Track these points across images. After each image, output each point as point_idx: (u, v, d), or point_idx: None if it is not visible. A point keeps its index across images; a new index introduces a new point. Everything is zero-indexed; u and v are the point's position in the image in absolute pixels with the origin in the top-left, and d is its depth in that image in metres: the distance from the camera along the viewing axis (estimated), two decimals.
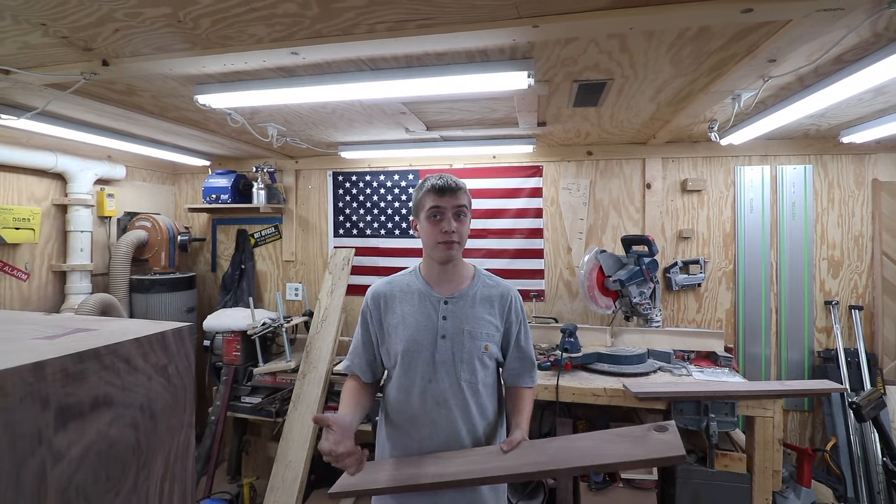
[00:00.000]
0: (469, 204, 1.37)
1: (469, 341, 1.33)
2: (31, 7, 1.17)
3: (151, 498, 0.64)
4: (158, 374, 0.65)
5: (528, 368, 1.44)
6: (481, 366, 1.34)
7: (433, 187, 1.32)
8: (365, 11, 1.17)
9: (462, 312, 1.35)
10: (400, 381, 1.34)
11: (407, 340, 1.33)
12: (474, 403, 1.33)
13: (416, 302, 1.37)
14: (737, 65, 1.53)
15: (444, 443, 1.30)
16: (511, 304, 1.41)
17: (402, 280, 1.44)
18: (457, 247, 1.33)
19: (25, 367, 0.49)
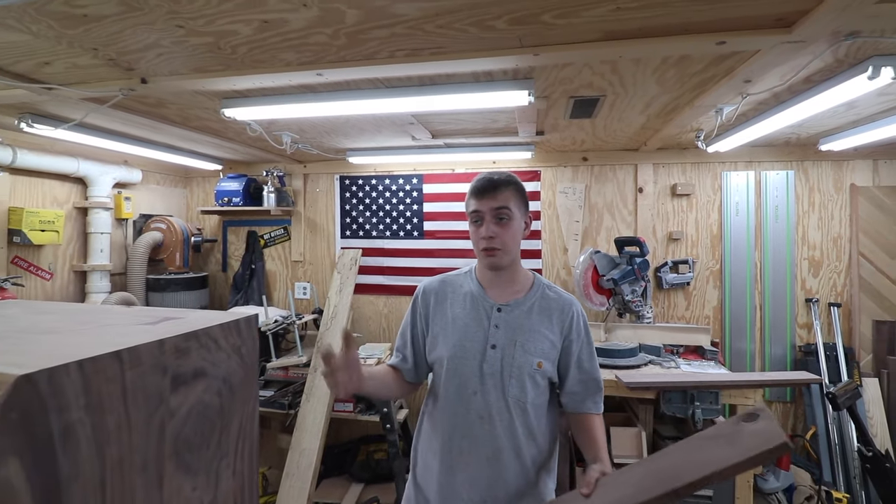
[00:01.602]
0: (517, 204, 1.24)
1: (521, 355, 1.21)
2: (88, 35, 1.32)
3: (230, 453, 0.79)
4: (235, 353, 0.80)
5: (593, 392, 1.28)
6: (532, 383, 1.21)
7: (473, 188, 1.24)
8: (387, 41, 1.32)
9: (516, 322, 1.24)
10: (443, 390, 1.26)
11: (454, 346, 1.25)
12: (521, 423, 1.21)
13: (468, 305, 1.28)
14: (716, 84, 1.69)
15: (483, 460, 1.20)
16: (573, 319, 1.27)
17: (455, 280, 1.35)
18: (500, 254, 1.22)
19: (153, 343, 0.64)
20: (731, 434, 0.97)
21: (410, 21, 1.21)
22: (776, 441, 0.88)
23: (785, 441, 0.88)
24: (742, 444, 0.93)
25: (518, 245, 1.28)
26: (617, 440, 2.29)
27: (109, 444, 0.57)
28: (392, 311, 3.41)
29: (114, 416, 0.58)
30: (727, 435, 0.97)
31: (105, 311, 0.98)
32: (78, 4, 1.14)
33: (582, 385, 1.27)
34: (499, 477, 1.20)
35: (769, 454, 0.88)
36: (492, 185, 1.21)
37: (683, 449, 1.03)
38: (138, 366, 0.61)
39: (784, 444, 0.88)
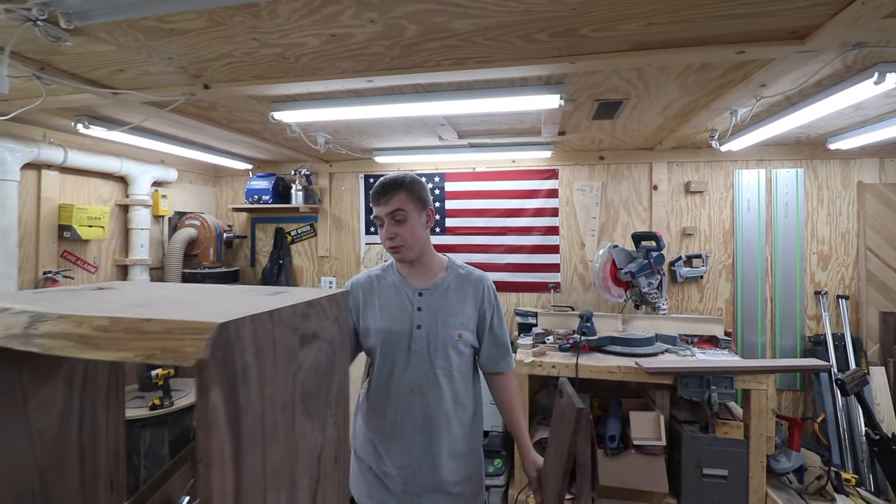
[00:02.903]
0: (414, 203, 1.36)
1: (443, 330, 1.38)
2: (168, 46, 1.47)
3: (332, 405, 0.94)
4: (335, 321, 0.95)
5: (504, 353, 1.49)
6: (456, 353, 1.39)
7: (371, 195, 1.38)
8: (437, 52, 1.47)
9: (437, 302, 1.40)
10: (378, 370, 1.41)
11: (384, 332, 1.39)
12: (448, 389, 1.38)
13: (393, 294, 1.43)
14: (733, 88, 1.83)
15: (416, 428, 1.37)
16: (484, 291, 1.45)
17: (379, 274, 1.50)
18: (403, 250, 1.36)
19: (289, 307, 0.79)
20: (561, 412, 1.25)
21: (463, 34, 1.35)
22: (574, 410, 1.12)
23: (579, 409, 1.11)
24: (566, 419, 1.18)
25: (420, 238, 1.39)
26: (636, 424, 2.43)
27: (265, 385, 0.72)
28: None
29: (268, 362, 0.72)
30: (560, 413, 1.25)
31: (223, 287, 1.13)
32: (169, 20, 1.29)
33: (494, 347, 1.47)
34: (432, 442, 1.37)
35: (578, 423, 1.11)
36: (383, 190, 1.35)
37: (553, 435, 1.32)
38: (281, 324, 0.76)
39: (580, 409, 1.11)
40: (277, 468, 0.75)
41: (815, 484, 2.34)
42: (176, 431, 2.61)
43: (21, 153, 2.40)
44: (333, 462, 0.94)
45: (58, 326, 0.67)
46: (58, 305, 0.78)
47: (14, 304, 0.79)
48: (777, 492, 2.30)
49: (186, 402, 2.64)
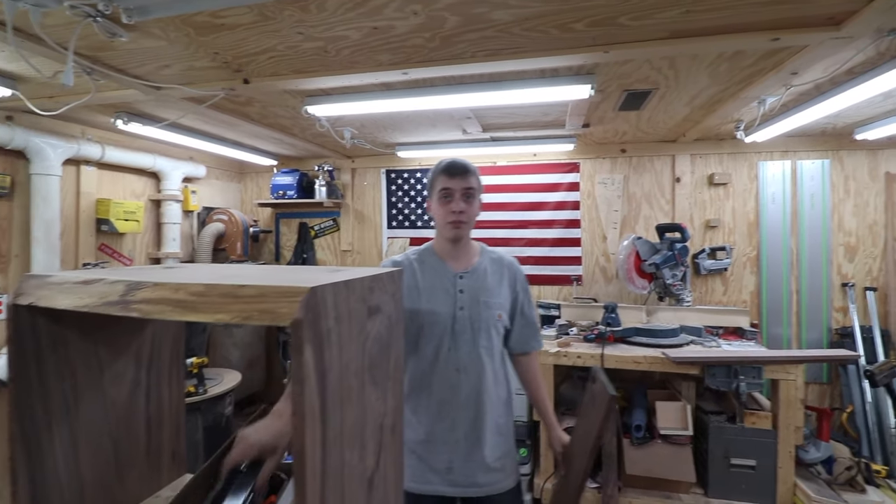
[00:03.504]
0: (478, 187, 1.47)
1: (485, 311, 1.44)
2: (215, 41, 1.53)
3: (391, 377, 0.98)
4: (392, 297, 0.99)
5: (534, 332, 1.57)
6: (496, 332, 1.47)
7: (444, 169, 1.44)
8: (474, 43, 1.51)
9: (477, 285, 1.46)
10: (422, 352, 1.45)
11: (429, 313, 1.44)
12: (490, 368, 1.45)
13: (434, 277, 1.48)
14: (764, 77, 1.84)
15: (462, 403, 1.42)
16: (516, 274, 1.53)
17: (416, 257, 1.54)
18: (464, 226, 1.44)
19: (358, 279, 0.83)
20: (591, 396, 1.30)
21: (501, 25, 1.39)
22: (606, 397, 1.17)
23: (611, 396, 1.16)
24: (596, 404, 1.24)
25: (475, 220, 1.49)
26: (663, 413, 2.45)
27: (343, 349, 0.77)
28: None
29: (345, 329, 0.77)
30: (590, 397, 1.32)
31: (281, 266, 1.18)
32: (220, 15, 1.35)
33: (526, 328, 1.55)
34: (477, 418, 1.43)
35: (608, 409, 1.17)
36: (461, 168, 1.43)
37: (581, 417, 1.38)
38: (354, 294, 0.81)
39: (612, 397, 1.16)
40: (351, 429, 0.80)
41: (845, 475, 2.33)
42: (209, 418, 2.69)
43: (62, 149, 2.50)
44: (392, 431, 0.99)
45: (156, 293, 0.73)
46: (148, 275, 0.84)
47: (105, 274, 0.85)
48: (806, 482, 2.30)
49: (219, 389, 2.72)
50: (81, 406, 1.02)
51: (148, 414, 1.17)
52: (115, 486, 1.11)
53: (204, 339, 3.10)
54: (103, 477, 1.08)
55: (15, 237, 2.40)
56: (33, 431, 0.93)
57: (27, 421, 0.91)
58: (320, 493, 0.71)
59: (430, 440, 1.44)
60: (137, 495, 1.17)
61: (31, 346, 0.91)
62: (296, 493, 0.67)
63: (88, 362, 1.03)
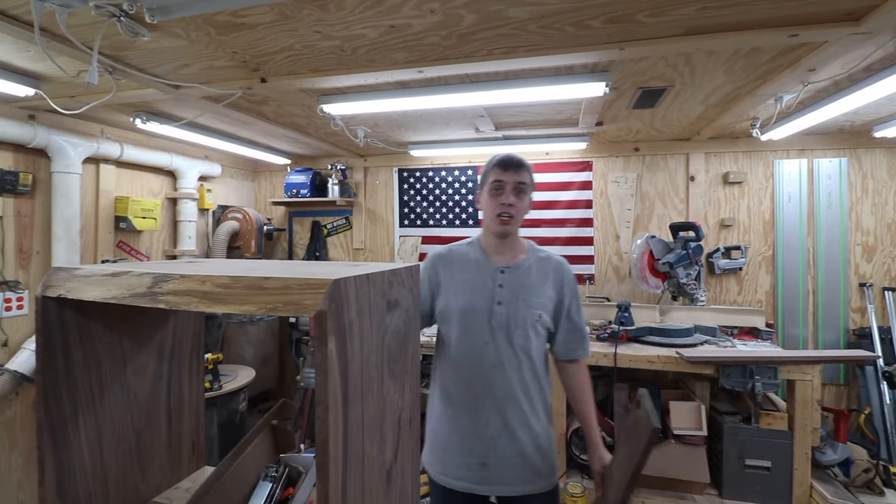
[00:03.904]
0: (531, 183, 1.44)
1: (524, 308, 1.40)
2: (235, 40, 1.55)
3: (409, 371, 0.99)
4: (410, 292, 1.00)
5: (581, 340, 1.48)
6: (534, 332, 1.41)
7: (498, 163, 1.42)
8: (490, 41, 1.51)
9: (518, 281, 1.42)
10: (456, 344, 1.43)
11: (464, 305, 1.42)
12: (528, 367, 1.41)
13: (474, 270, 1.46)
14: (781, 73, 1.82)
15: (498, 400, 1.39)
16: (565, 276, 1.47)
17: (461, 248, 1.53)
18: (512, 221, 1.41)
19: (379, 272, 0.84)
20: (635, 422, 1.23)
21: (517, 22, 1.39)
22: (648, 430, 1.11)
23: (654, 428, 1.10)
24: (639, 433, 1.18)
25: (524, 216, 1.46)
26: (677, 414, 2.43)
27: (364, 341, 0.78)
28: None
29: (365, 321, 0.78)
30: (633, 421, 1.24)
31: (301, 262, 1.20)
32: (241, 15, 1.37)
33: (572, 334, 1.47)
34: (511, 416, 1.39)
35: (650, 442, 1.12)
36: (516, 162, 1.42)
37: (622, 442, 1.30)
38: (373, 288, 0.82)
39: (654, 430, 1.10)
40: (371, 421, 0.81)
41: (863, 477, 2.30)
42: (224, 414, 2.73)
43: (82, 148, 2.55)
44: (409, 425, 1.00)
45: (182, 284, 0.74)
46: (174, 268, 0.85)
47: (132, 267, 0.87)
48: (823, 484, 2.27)
49: (234, 385, 2.76)
50: (106, 397, 1.05)
51: (169, 406, 1.19)
52: (137, 477, 1.13)
53: (219, 335, 3.14)
54: (126, 467, 1.10)
55: (36, 234, 2.45)
56: (60, 422, 0.95)
57: (54, 411, 0.94)
58: (342, 483, 0.72)
59: (463, 435, 1.41)
60: (158, 486, 1.19)
61: (59, 338, 0.94)
62: (318, 483, 0.68)
63: (113, 355, 1.05)
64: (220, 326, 3.15)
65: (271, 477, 1.13)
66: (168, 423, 1.20)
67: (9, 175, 2.27)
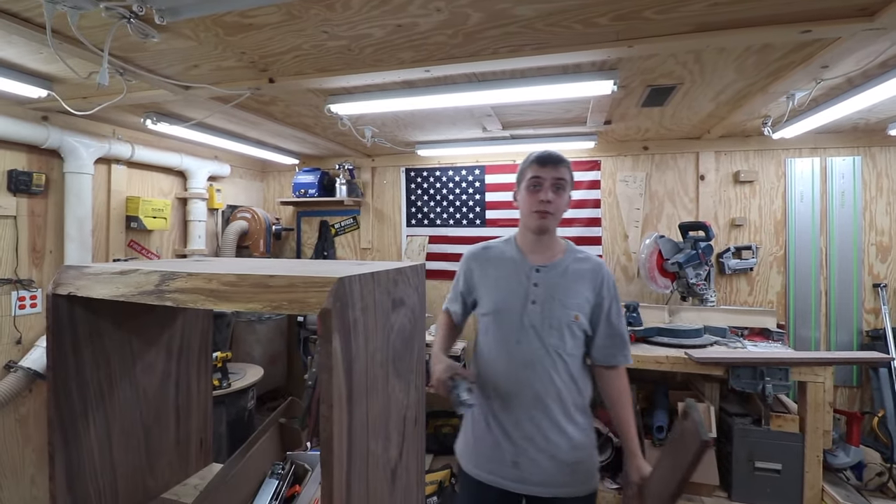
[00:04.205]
0: (570, 180, 1.43)
1: (559, 308, 1.37)
2: (244, 41, 1.56)
3: (414, 370, 0.99)
4: (416, 291, 1.00)
5: (621, 345, 1.43)
6: (570, 334, 1.37)
7: (536, 159, 1.40)
8: (497, 39, 1.50)
9: (553, 281, 1.40)
10: (489, 341, 1.43)
11: (497, 303, 1.42)
12: (563, 369, 1.37)
13: (509, 268, 1.44)
14: (793, 70, 1.79)
15: (531, 400, 1.36)
16: (604, 278, 1.42)
17: (497, 246, 1.53)
18: (551, 218, 1.38)
19: (384, 271, 0.84)
20: (681, 433, 1.18)
21: (524, 20, 1.38)
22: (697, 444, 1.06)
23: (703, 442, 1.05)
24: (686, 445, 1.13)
25: (562, 213, 1.44)
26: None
27: (369, 339, 0.78)
28: None
29: (370, 319, 0.78)
30: (680, 433, 1.19)
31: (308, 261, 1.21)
32: (249, 15, 1.38)
33: (610, 339, 1.41)
34: (544, 416, 1.36)
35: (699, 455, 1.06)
36: (554, 158, 1.40)
37: (667, 453, 1.25)
38: (379, 286, 0.82)
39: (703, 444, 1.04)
40: (376, 419, 0.81)
41: (876, 480, 2.26)
42: (233, 412, 2.75)
43: (94, 148, 2.58)
44: (415, 423, 1.00)
45: (189, 282, 0.75)
46: (181, 266, 0.86)
47: (140, 265, 0.88)
48: (834, 487, 2.24)
49: (242, 384, 2.78)
50: (115, 395, 1.06)
51: (177, 404, 1.20)
52: (146, 473, 1.15)
53: (228, 334, 3.17)
54: (135, 463, 1.11)
55: (49, 233, 2.49)
56: (70, 418, 0.96)
57: (64, 408, 0.95)
58: (346, 481, 0.72)
59: (495, 433, 1.40)
60: (167, 482, 1.20)
61: (69, 335, 0.95)
62: (322, 480, 0.69)
63: (122, 352, 1.06)
64: (229, 325, 3.18)
65: (278, 474, 1.13)
66: (176, 421, 1.21)
67: (23, 175, 2.31)
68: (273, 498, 1.07)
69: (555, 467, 1.36)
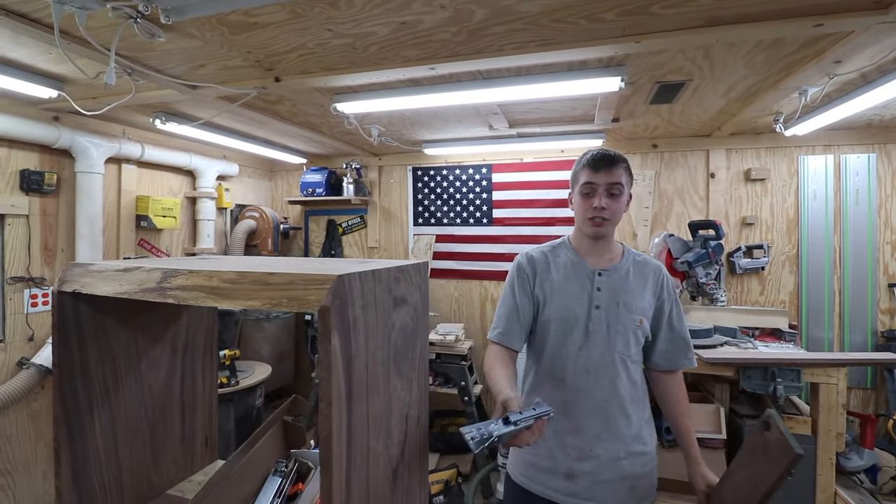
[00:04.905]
0: (627, 181, 1.33)
1: (624, 313, 1.31)
2: (249, 40, 1.57)
3: (416, 369, 0.99)
4: (418, 289, 0.99)
5: (684, 349, 1.38)
6: (634, 339, 1.32)
7: (588, 162, 1.32)
8: (502, 36, 1.49)
9: (616, 285, 1.33)
10: (550, 347, 1.36)
11: (560, 308, 1.35)
12: (626, 377, 1.31)
13: (570, 272, 1.38)
14: (805, 66, 1.75)
15: (590, 410, 1.30)
16: (663, 281, 1.37)
17: (552, 250, 1.45)
18: (607, 224, 1.32)
19: (385, 268, 0.84)
20: (763, 445, 1.11)
21: (529, 17, 1.37)
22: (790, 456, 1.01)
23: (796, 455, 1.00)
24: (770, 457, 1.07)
25: (620, 217, 1.36)
26: (695, 416, 2.35)
27: (369, 337, 0.77)
28: (463, 295, 3.60)
29: (371, 317, 0.78)
30: (761, 445, 1.12)
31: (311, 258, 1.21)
32: (253, 14, 1.38)
33: (673, 342, 1.37)
34: (606, 425, 1.29)
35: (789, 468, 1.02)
36: (609, 160, 1.30)
37: (744, 464, 1.18)
38: (379, 283, 0.81)
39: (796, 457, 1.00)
40: (377, 418, 0.80)
41: (891, 484, 2.22)
42: (241, 409, 2.77)
43: (104, 148, 2.61)
44: (417, 422, 0.99)
45: (190, 280, 0.75)
46: (184, 264, 0.86)
47: (143, 263, 0.88)
48: (847, 491, 2.19)
49: (250, 381, 2.80)
50: (120, 391, 1.07)
51: (182, 400, 1.21)
52: (151, 469, 1.15)
53: (236, 332, 3.19)
54: (140, 459, 1.12)
55: (61, 232, 2.53)
56: (76, 414, 0.97)
57: (70, 404, 0.96)
58: (346, 479, 0.71)
59: (549, 442, 1.33)
60: (172, 478, 1.21)
61: (74, 332, 0.96)
62: (322, 478, 0.68)
63: (127, 349, 1.07)
64: (238, 323, 3.20)
65: (281, 472, 1.13)
66: (181, 418, 1.22)
67: (35, 175, 2.34)
68: (276, 495, 1.07)
69: (613, 481, 1.29)
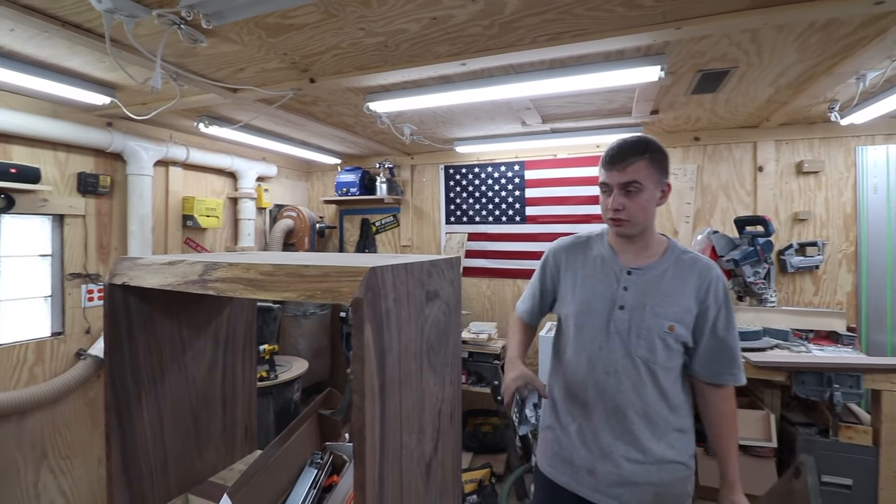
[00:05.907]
0: (649, 175, 1.21)
1: (650, 317, 1.22)
2: (285, 42, 1.61)
3: (449, 364, 0.98)
4: (450, 284, 0.99)
5: (728, 362, 1.24)
6: (663, 345, 1.22)
7: (603, 158, 1.26)
8: (534, 28, 1.47)
9: (647, 286, 1.25)
10: (571, 343, 1.33)
11: (581, 303, 1.30)
12: (651, 383, 1.23)
13: (598, 267, 1.32)
14: (864, 48, 1.63)
15: (607, 411, 1.26)
16: (711, 283, 1.23)
17: (586, 242, 1.40)
18: (627, 224, 1.23)
19: (418, 262, 0.83)
20: (789, 492, 1.06)
21: (563, 6, 1.34)
22: None
23: None
24: None
25: (648, 214, 1.24)
26: (743, 422, 2.24)
27: (402, 331, 0.77)
28: (495, 293, 3.57)
29: (403, 311, 0.77)
30: (787, 492, 1.07)
31: (345, 254, 1.23)
32: (289, 16, 1.41)
33: (716, 354, 1.23)
34: (624, 431, 1.24)
35: None
36: (622, 155, 1.21)
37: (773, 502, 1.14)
38: (412, 277, 0.81)
39: None
40: (410, 412, 0.80)
41: None
42: (279, 402, 2.85)
43: (153, 151, 2.74)
44: (450, 419, 0.98)
45: (229, 272, 0.77)
46: (223, 258, 0.89)
47: (186, 257, 0.91)
48: None
49: (289, 376, 2.87)
50: (166, 380, 1.11)
51: (224, 391, 1.25)
52: (195, 456, 1.20)
53: (275, 328, 3.29)
54: (184, 446, 1.17)
55: (114, 231, 2.67)
56: (125, 400, 1.02)
57: (120, 392, 1.01)
58: (379, 472, 0.71)
59: (573, 437, 1.32)
60: (214, 466, 1.25)
61: (124, 322, 1.01)
62: (355, 470, 0.68)
63: (173, 340, 1.12)
64: (276, 319, 3.29)
65: (316, 464, 1.15)
66: (223, 408, 1.26)
67: (91, 178, 2.49)
68: (311, 486, 1.09)
69: (638, 484, 1.24)
